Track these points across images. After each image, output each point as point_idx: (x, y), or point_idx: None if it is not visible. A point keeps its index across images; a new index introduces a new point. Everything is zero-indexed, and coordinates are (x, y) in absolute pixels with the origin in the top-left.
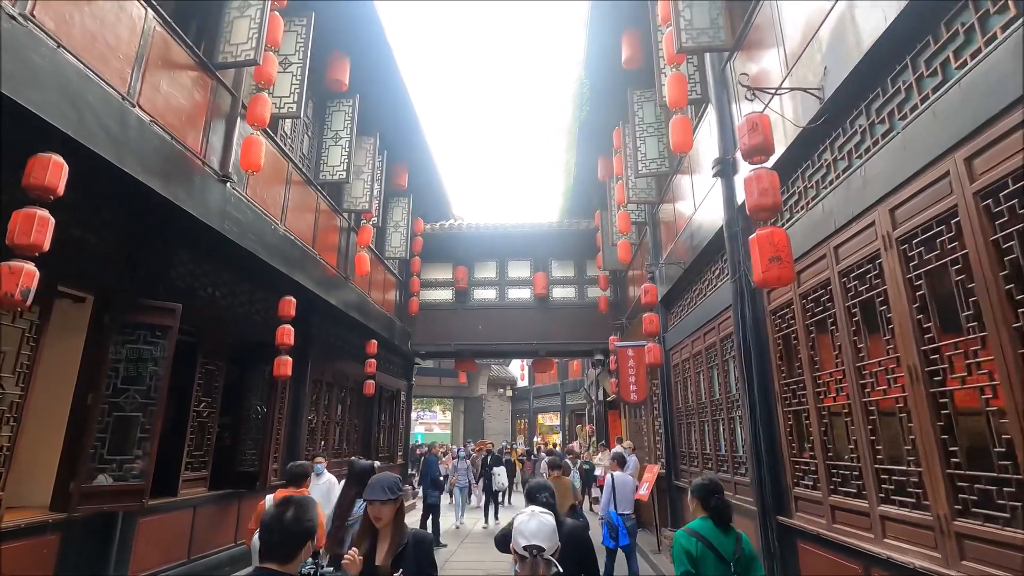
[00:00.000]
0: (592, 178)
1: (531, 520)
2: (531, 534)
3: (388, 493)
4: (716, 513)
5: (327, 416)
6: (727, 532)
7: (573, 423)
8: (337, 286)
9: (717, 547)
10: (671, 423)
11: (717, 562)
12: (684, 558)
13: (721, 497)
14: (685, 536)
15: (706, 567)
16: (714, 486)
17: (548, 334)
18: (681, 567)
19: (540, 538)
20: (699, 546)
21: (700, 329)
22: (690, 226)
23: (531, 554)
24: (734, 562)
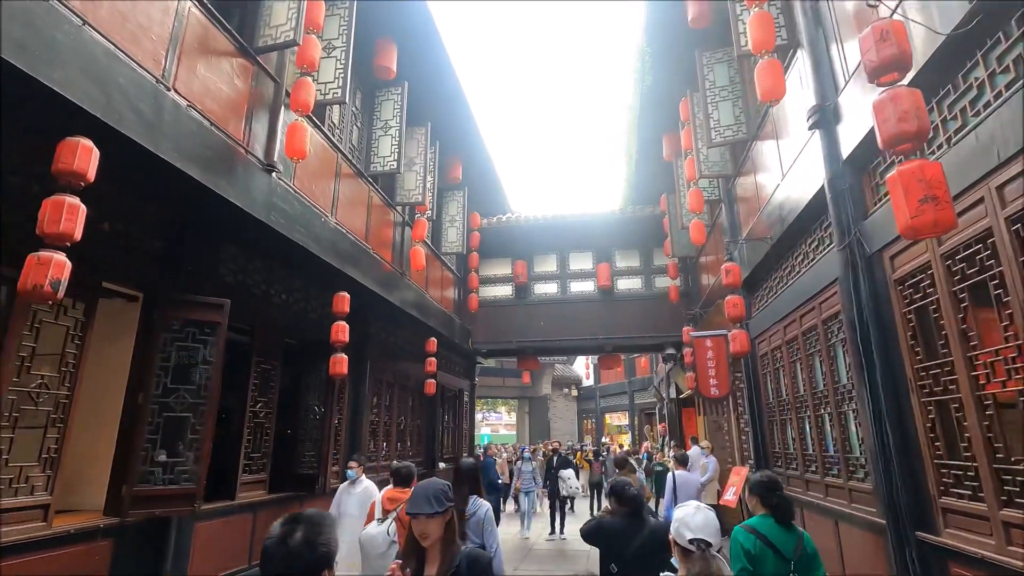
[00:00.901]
0: (656, 159)
1: (697, 514)
2: (697, 528)
3: (435, 504)
4: (777, 510)
5: (389, 416)
6: (788, 530)
7: (643, 423)
8: (393, 282)
9: (777, 545)
10: (759, 420)
11: (777, 560)
12: (742, 555)
13: (782, 494)
14: (744, 533)
15: (765, 565)
16: (774, 483)
17: (614, 328)
18: (739, 564)
19: (707, 532)
20: (758, 543)
21: (794, 312)
22: (776, 197)
23: (699, 547)
24: (795, 561)
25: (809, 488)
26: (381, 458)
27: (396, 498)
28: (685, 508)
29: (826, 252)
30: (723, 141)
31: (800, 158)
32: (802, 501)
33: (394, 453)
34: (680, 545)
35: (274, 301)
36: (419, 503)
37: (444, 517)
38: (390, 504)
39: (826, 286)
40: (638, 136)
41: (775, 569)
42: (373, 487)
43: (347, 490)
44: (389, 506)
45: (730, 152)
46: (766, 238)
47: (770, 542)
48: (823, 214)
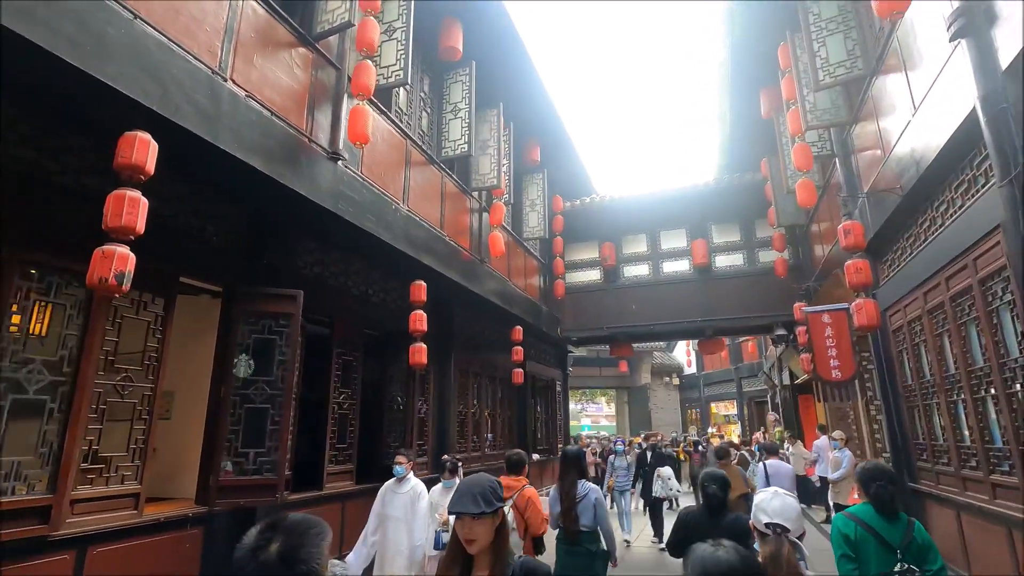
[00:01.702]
0: (753, 119)
1: (774, 499)
2: (774, 512)
3: (481, 504)
4: (876, 500)
5: (477, 407)
6: (893, 519)
7: (753, 411)
8: (472, 271)
9: (881, 533)
10: (895, 407)
11: (880, 548)
12: (842, 541)
13: (883, 484)
14: (843, 520)
15: (867, 552)
16: (877, 472)
17: (713, 309)
18: (839, 550)
19: (784, 517)
20: (858, 530)
21: (938, 274)
22: (905, 139)
23: (774, 532)
24: (902, 550)
25: (967, 488)
26: (470, 449)
27: (510, 486)
28: (764, 493)
29: (981, 194)
30: (833, 81)
31: (937, 84)
32: (958, 503)
33: (483, 444)
34: (758, 529)
35: (353, 293)
36: (464, 501)
37: (494, 520)
38: (506, 492)
39: (982, 237)
40: (731, 94)
41: (878, 557)
42: (422, 487)
43: (392, 488)
44: (505, 494)
45: (843, 95)
46: (895, 189)
47: (873, 530)
48: (973, 147)
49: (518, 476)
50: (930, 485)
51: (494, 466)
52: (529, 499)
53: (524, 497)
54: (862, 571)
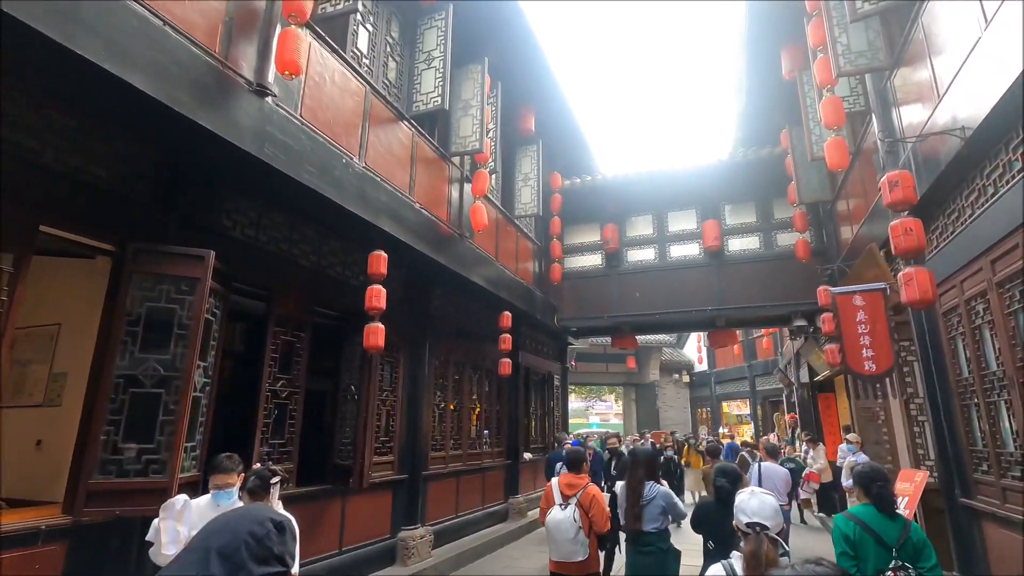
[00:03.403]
0: (774, 84)
1: (751, 499)
2: (752, 512)
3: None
4: (878, 500)
5: (458, 401)
6: (891, 519)
7: (768, 411)
8: (451, 246)
9: (879, 532)
10: (945, 406)
11: (877, 547)
12: (842, 540)
13: (884, 485)
14: (844, 520)
15: (865, 551)
16: (877, 473)
17: (726, 297)
18: (839, 548)
19: (762, 516)
20: (857, 530)
21: (1014, 235)
22: (971, 67)
23: (754, 530)
24: (898, 548)
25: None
26: (449, 447)
27: (574, 483)
28: (742, 495)
29: None
30: (875, 8)
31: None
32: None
33: (466, 441)
34: (740, 529)
35: (301, 263)
36: (191, 559)
37: None
38: (568, 490)
39: None
40: (748, 58)
41: (876, 555)
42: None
43: (201, 510)
44: (568, 492)
45: (882, 35)
46: (955, 131)
47: (871, 529)
48: None
49: (579, 474)
50: (992, 504)
51: (477, 467)
52: (593, 496)
53: (588, 495)
54: (860, 568)
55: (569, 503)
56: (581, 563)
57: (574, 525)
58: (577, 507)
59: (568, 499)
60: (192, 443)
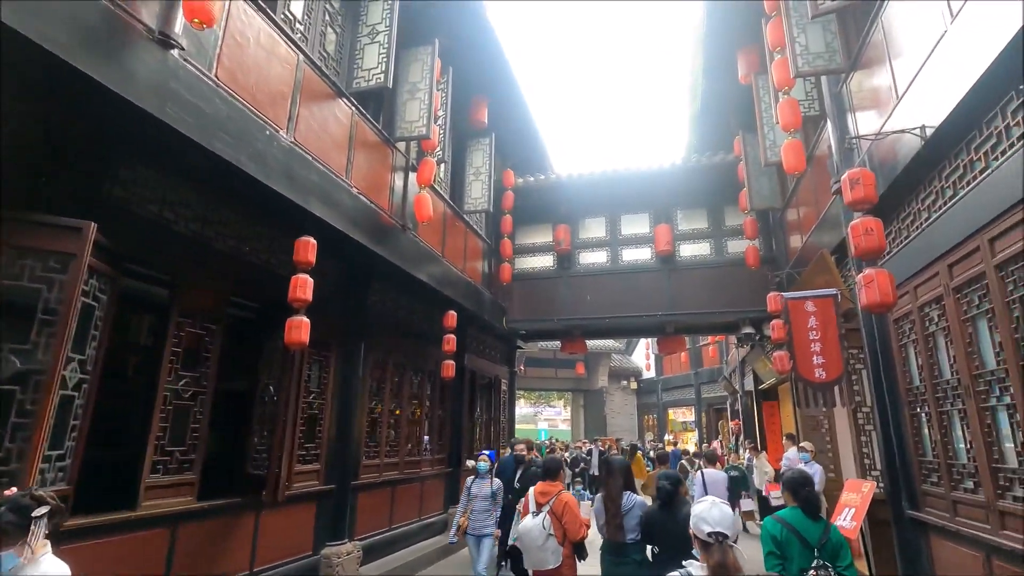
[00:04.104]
0: (730, 86)
1: (713, 508)
2: (715, 521)
3: None
4: (805, 503)
5: (397, 405)
6: (815, 521)
7: (712, 419)
8: (393, 238)
9: (803, 534)
10: (894, 415)
11: (802, 547)
12: (769, 541)
13: (810, 490)
14: (772, 522)
15: (791, 551)
16: (804, 479)
17: (676, 303)
18: (767, 548)
19: (724, 526)
20: (784, 531)
21: (979, 234)
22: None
23: (717, 540)
24: (819, 548)
25: (1007, 525)
26: (384, 455)
27: (547, 491)
28: (703, 504)
29: None
30: (834, 6)
31: None
32: (990, 545)
33: (404, 448)
34: (699, 539)
35: (216, 248)
36: None
37: None
38: (542, 498)
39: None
40: (705, 59)
41: (800, 555)
42: None
43: None
44: (542, 500)
45: (840, 38)
46: (915, 130)
47: (796, 531)
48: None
49: (554, 482)
50: (941, 517)
51: (415, 476)
52: (566, 504)
53: (561, 502)
54: (786, 567)
55: (541, 511)
56: (554, 571)
57: (543, 533)
58: (549, 515)
59: (541, 507)
60: (60, 451)
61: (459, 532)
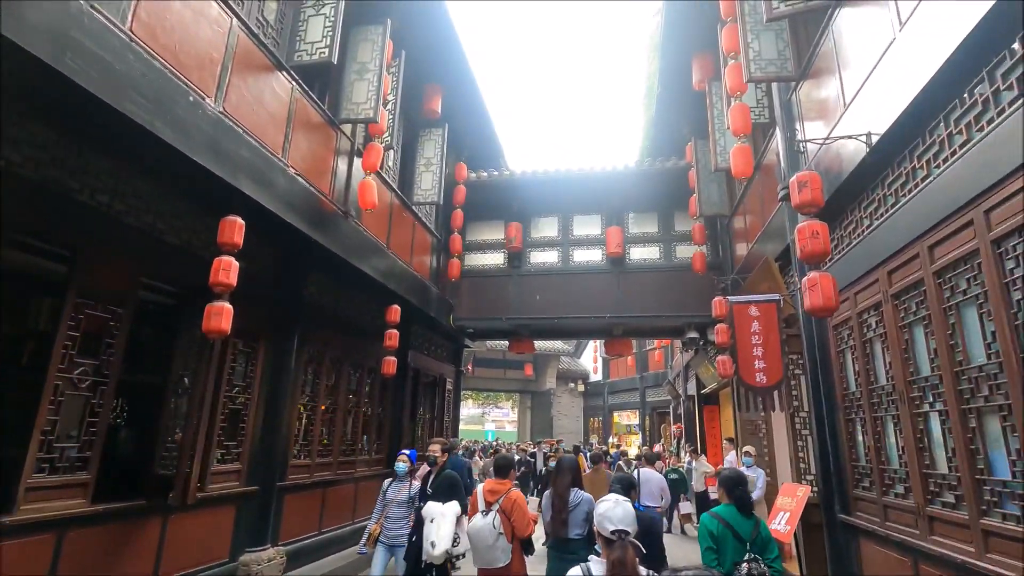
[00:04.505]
0: (684, 92)
1: (617, 507)
2: (619, 520)
3: None
4: (739, 501)
5: (333, 401)
6: (748, 518)
7: (655, 422)
8: (334, 225)
9: (737, 529)
10: (831, 420)
11: (735, 541)
12: (707, 537)
13: (744, 488)
14: (709, 518)
15: (725, 545)
16: (740, 478)
17: (625, 306)
18: (704, 544)
19: (626, 523)
20: (720, 527)
21: (917, 242)
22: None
23: (620, 537)
24: (751, 543)
25: (935, 530)
26: (317, 454)
27: (496, 490)
28: (607, 502)
29: (1001, 121)
30: (789, 10)
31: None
32: (918, 551)
33: (339, 448)
34: (603, 535)
35: (127, 223)
36: None
37: None
38: (491, 496)
39: (1002, 179)
40: (661, 60)
41: (734, 549)
42: None
43: None
44: (491, 498)
45: (792, 46)
46: (860, 137)
47: (731, 526)
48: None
49: (503, 480)
50: (872, 521)
51: (350, 476)
52: (515, 501)
53: (510, 500)
54: (721, 560)
55: (491, 509)
56: (503, 569)
57: (494, 532)
58: (499, 513)
59: (490, 505)
60: None
61: (370, 541)
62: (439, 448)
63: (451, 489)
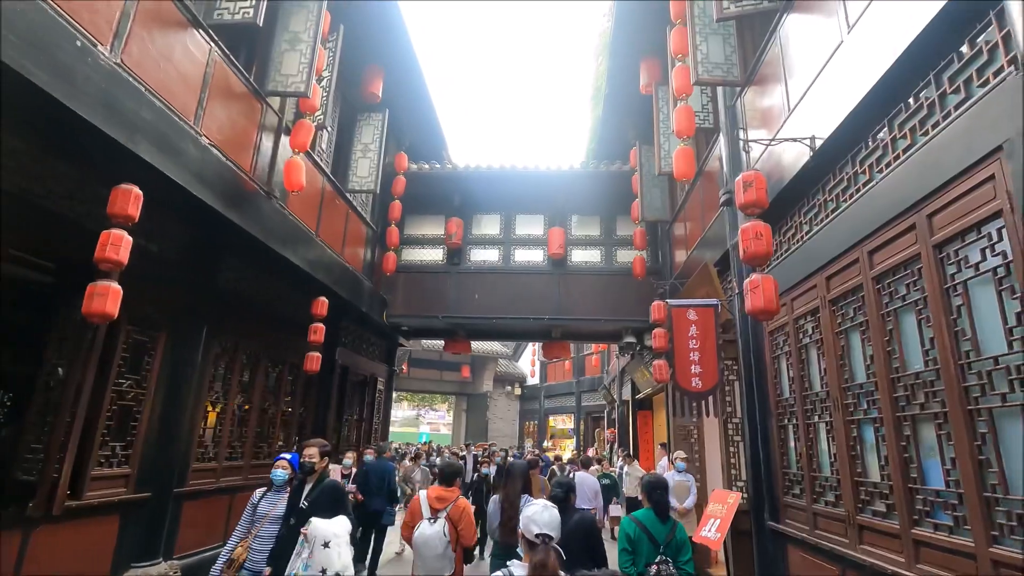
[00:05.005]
0: (631, 98)
1: (544, 512)
2: (544, 524)
3: None
4: (657, 505)
5: (246, 399)
6: (663, 522)
7: (590, 426)
8: (253, 205)
9: (652, 532)
10: (763, 426)
11: (650, 544)
12: (624, 539)
13: (662, 492)
14: (628, 522)
15: (641, 547)
16: (659, 482)
17: (564, 308)
18: (621, 546)
19: (551, 528)
20: (637, 530)
21: (858, 247)
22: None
23: (543, 541)
24: (664, 545)
25: (864, 539)
26: (224, 457)
27: (444, 497)
28: (534, 507)
29: (947, 124)
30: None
31: None
32: (847, 560)
33: (251, 450)
34: (527, 539)
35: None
36: None
37: None
38: (438, 503)
39: (946, 183)
40: (610, 61)
41: (649, 551)
42: None
43: None
44: (438, 505)
45: (738, 51)
46: (805, 140)
47: (647, 530)
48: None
49: (451, 487)
50: (802, 529)
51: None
52: (463, 509)
53: (459, 508)
54: (636, 562)
55: (438, 517)
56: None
57: (443, 540)
58: (447, 520)
59: (437, 513)
60: None
61: (229, 568)
62: (316, 452)
63: (335, 502)
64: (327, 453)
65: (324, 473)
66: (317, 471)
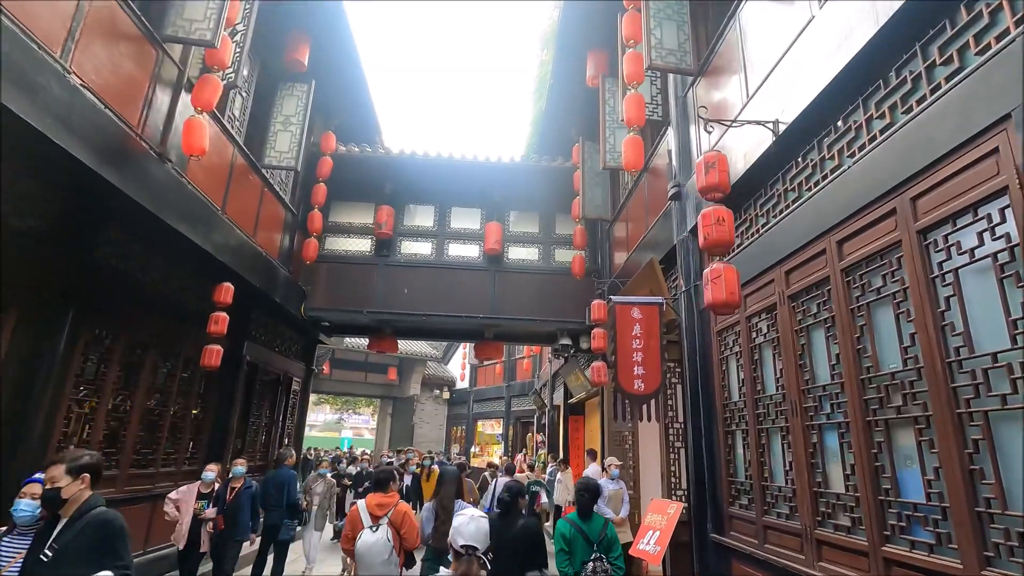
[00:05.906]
0: (576, 91)
1: (470, 523)
2: (469, 536)
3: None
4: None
5: (127, 398)
6: (591, 521)
7: (519, 432)
8: (139, 166)
9: (586, 531)
10: (708, 432)
11: (584, 543)
12: (560, 539)
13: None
14: (563, 523)
15: (576, 546)
16: (586, 485)
17: (499, 307)
18: (558, 546)
19: (476, 540)
20: (572, 530)
21: (827, 235)
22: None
23: (467, 553)
24: (598, 543)
25: (823, 556)
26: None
27: (384, 503)
28: (462, 518)
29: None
30: None
31: None
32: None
33: (129, 457)
34: (454, 548)
35: None
36: None
37: None
38: (379, 510)
39: (934, 162)
40: (557, 51)
41: (583, 549)
42: None
43: None
44: (379, 512)
45: (692, 40)
46: (768, 123)
47: (581, 530)
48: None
49: (388, 492)
50: (749, 543)
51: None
52: (405, 514)
53: (400, 512)
54: (572, 561)
55: (380, 524)
56: None
57: (388, 546)
58: (389, 527)
59: (379, 519)
60: None
61: None
62: (63, 472)
63: (99, 548)
64: (95, 470)
65: (91, 503)
66: (71, 501)
